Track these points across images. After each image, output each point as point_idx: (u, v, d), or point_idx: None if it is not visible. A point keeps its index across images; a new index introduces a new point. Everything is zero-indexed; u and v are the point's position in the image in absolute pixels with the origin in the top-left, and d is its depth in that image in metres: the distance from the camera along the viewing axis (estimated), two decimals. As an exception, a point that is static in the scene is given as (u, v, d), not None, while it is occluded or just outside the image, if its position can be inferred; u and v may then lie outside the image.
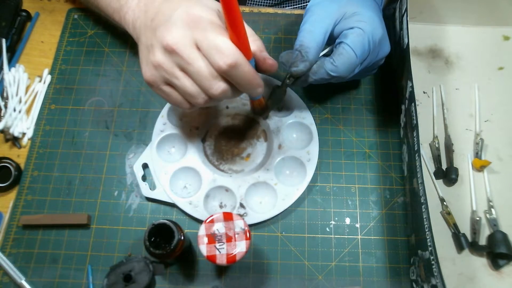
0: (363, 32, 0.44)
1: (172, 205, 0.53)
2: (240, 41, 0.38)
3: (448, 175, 0.53)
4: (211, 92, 0.40)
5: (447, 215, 0.51)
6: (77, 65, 0.61)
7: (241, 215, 0.50)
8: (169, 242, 0.44)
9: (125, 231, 0.52)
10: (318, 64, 0.46)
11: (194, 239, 0.51)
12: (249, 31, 0.41)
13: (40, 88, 0.59)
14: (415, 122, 0.47)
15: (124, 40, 0.62)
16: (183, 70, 0.39)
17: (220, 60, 0.37)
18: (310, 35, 0.45)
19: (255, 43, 0.42)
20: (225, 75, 0.39)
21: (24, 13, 0.63)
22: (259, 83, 0.41)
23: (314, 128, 0.55)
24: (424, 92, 0.59)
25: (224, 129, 0.57)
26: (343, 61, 0.44)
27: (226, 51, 0.37)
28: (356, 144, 0.57)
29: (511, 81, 0.60)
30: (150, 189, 0.52)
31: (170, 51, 0.38)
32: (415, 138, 0.47)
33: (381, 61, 0.52)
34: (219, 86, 0.39)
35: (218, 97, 0.40)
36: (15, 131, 0.55)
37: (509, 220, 0.51)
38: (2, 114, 0.56)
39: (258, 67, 0.44)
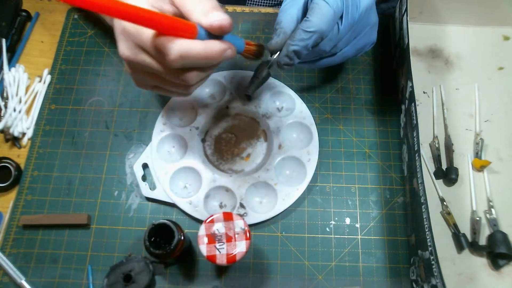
0: None
1: (172, 205, 0.53)
2: (163, 28, 0.33)
3: (448, 175, 0.53)
4: (185, 84, 0.39)
5: (447, 215, 0.51)
6: (77, 65, 0.61)
7: (241, 215, 0.50)
8: (169, 242, 0.44)
9: (125, 231, 0.52)
10: (295, 31, 0.44)
11: (194, 239, 0.51)
12: None
13: (40, 88, 0.59)
14: (415, 122, 0.47)
15: (124, 40, 0.62)
16: (150, 73, 0.39)
17: (162, 59, 0.35)
18: (283, 12, 0.45)
19: (197, 7, 0.36)
20: (181, 67, 0.36)
21: (24, 13, 0.63)
22: (220, 49, 0.36)
23: (314, 128, 0.55)
24: (424, 92, 0.59)
25: (224, 129, 0.57)
26: (317, 13, 0.42)
27: (163, 49, 0.34)
28: (356, 144, 0.57)
29: (511, 81, 0.60)
30: (150, 189, 0.52)
31: (128, 62, 0.38)
32: (415, 138, 0.47)
33: (373, 35, 0.49)
34: (185, 77, 0.38)
35: (194, 83, 0.39)
36: (15, 131, 0.55)
37: (509, 220, 0.51)
38: (2, 114, 0.56)
39: (212, 35, 0.37)
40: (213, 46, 0.36)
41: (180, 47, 0.34)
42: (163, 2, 0.37)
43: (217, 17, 0.35)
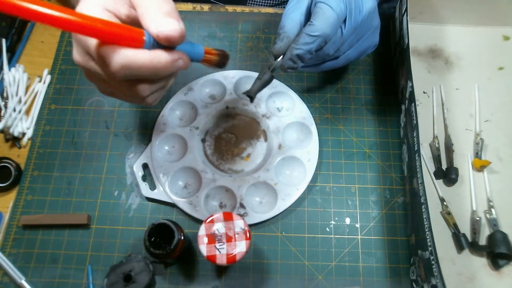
0: None
1: (172, 205, 0.53)
2: (105, 37, 0.30)
3: (448, 175, 0.53)
4: (137, 95, 0.36)
5: (447, 215, 0.51)
6: (77, 65, 0.61)
7: (241, 215, 0.50)
8: (169, 242, 0.44)
9: (125, 231, 0.52)
10: (298, 35, 0.44)
11: (194, 239, 0.51)
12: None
13: (40, 88, 0.59)
14: (415, 122, 0.47)
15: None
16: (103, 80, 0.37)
17: (106, 69, 0.33)
18: (286, 16, 0.44)
19: (149, 12, 0.32)
20: (127, 78, 0.34)
21: (24, 13, 0.63)
22: (168, 60, 0.33)
23: (314, 128, 0.55)
24: (424, 92, 0.59)
25: (224, 129, 0.57)
26: (320, 18, 0.41)
27: (105, 59, 0.32)
28: (356, 144, 0.57)
29: (511, 81, 0.60)
30: (150, 189, 0.52)
31: (80, 67, 0.37)
32: (415, 138, 0.47)
33: (375, 38, 0.49)
34: (135, 89, 0.35)
35: (146, 95, 0.36)
36: (15, 131, 0.55)
37: (509, 220, 0.51)
38: (2, 114, 0.56)
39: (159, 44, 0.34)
40: (160, 57, 0.32)
41: (122, 57, 0.31)
42: (121, 5, 0.34)
43: (167, 27, 0.31)
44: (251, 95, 0.48)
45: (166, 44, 0.32)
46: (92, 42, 0.32)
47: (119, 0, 0.34)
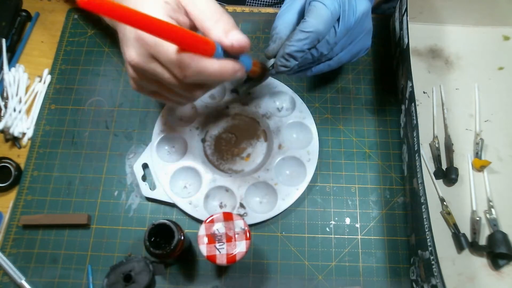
0: None
1: (172, 205, 0.53)
2: (183, 43, 0.32)
3: (448, 175, 0.53)
4: (191, 96, 0.39)
5: (447, 215, 0.51)
6: (77, 65, 0.61)
7: (241, 215, 0.50)
8: (169, 242, 0.44)
9: (125, 231, 0.52)
10: (292, 33, 0.44)
11: (194, 239, 0.51)
12: (209, 11, 0.36)
13: (40, 88, 0.59)
14: (415, 122, 0.47)
15: (124, 40, 0.62)
16: (156, 81, 0.39)
17: (179, 74, 0.36)
18: (278, 18, 0.45)
19: (218, 24, 0.35)
20: (192, 82, 0.37)
21: (24, 13, 0.63)
22: (232, 70, 0.36)
23: (314, 128, 0.55)
24: (424, 92, 0.59)
25: (224, 129, 0.57)
26: (314, 14, 0.42)
27: (178, 63, 0.34)
28: (356, 144, 0.57)
29: (511, 81, 0.60)
30: (150, 189, 0.52)
31: (136, 68, 0.38)
32: (415, 138, 0.47)
33: (368, 41, 0.49)
34: (193, 90, 0.38)
35: (199, 96, 0.40)
36: (15, 131, 0.55)
37: (509, 220, 0.51)
38: (2, 114, 0.56)
39: (228, 53, 0.37)
40: (227, 66, 0.35)
41: (198, 64, 0.34)
42: (179, 13, 0.37)
43: (238, 37, 0.35)
44: (238, 91, 0.48)
45: (236, 53, 0.36)
46: (166, 47, 0.34)
47: (177, 9, 0.36)
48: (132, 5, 0.35)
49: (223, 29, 0.35)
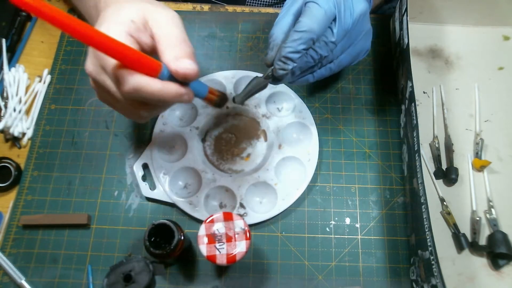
0: None
1: (172, 205, 0.53)
2: (127, 62, 0.33)
3: (448, 175, 0.53)
4: (137, 117, 0.40)
5: (447, 215, 0.51)
6: (77, 65, 0.61)
7: (241, 215, 0.50)
8: (169, 242, 0.44)
9: (125, 231, 0.52)
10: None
11: (194, 239, 0.51)
12: (170, 36, 0.37)
13: (40, 88, 0.59)
14: (415, 122, 0.47)
15: (124, 40, 0.62)
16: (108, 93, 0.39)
17: (118, 88, 0.36)
18: (275, 25, 0.45)
19: (172, 50, 0.36)
20: (132, 99, 0.37)
21: (24, 13, 0.63)
22: (175, 93, 0.36)
23: (314, 128, 0.55)
24: (424, 92, 0.59)
25: (224, 129, 0.57)
26: (307, 14, 0.42)
27: (116, 77, 0.35)
28: (356, 144, 0.57)
29: (511, 81, 0.60)
30: (150, 189, 0.52)
31: (91, 78, 0.39)
32: (415, 138, 0.47)
33: (367, 43, 0.49)
34: (137, 108, 0.39)
35: (146, 116, 0.40)
36: (15, 131, 0.55)
37: (509, 220, 0.51)
38: (2, 114, 0.56)
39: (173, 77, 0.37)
40: (171, 89, 0.35)
41: (136, 81, 0.34)
42: (143, 33, 0.37)
43: (185, 65, 0.35)
44: (236, 101, 0.48)
45: (181, 79, 0.36)
46: (111, 61, 0.34)
47: (142, 29, 0.37)
48: (100, 19, 0.38)
49: (175, 55, 0.35)
